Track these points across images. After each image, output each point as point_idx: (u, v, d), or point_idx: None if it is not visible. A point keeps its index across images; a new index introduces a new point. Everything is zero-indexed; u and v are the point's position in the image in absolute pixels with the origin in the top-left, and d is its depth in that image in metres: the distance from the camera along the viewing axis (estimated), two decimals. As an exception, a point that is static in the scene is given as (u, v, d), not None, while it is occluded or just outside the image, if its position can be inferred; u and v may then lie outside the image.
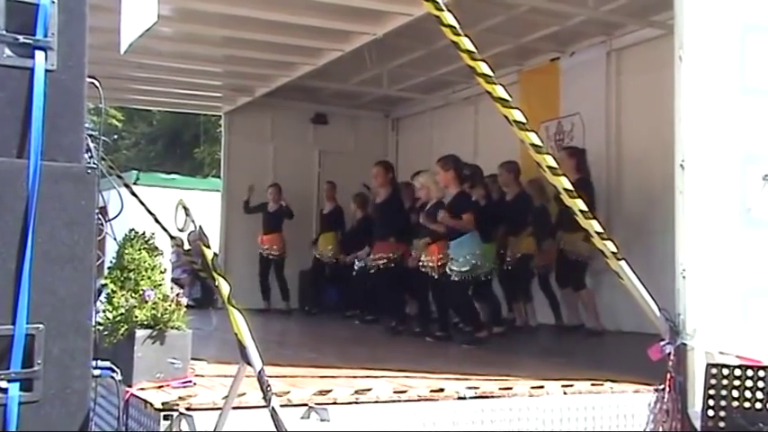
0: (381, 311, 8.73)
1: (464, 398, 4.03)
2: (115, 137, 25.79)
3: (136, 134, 28.91)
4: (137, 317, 4.06)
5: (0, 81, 2.71)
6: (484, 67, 4.15)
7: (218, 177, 13.31)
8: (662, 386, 4.39)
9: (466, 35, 4.16)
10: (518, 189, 8.25)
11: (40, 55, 2.74)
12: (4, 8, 2.70)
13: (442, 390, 4.06)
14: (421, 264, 7.35)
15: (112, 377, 3.17)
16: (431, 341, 7.17)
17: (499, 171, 8.36)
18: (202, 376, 4.28)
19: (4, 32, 2.71)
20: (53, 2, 2.76)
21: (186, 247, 10.25)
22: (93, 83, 2.92)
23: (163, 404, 3.52)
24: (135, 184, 13.45)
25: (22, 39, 2.72)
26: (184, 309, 4.24)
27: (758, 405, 4.03)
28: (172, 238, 10.25)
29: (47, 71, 2.75)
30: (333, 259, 10.38)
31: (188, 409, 3.49)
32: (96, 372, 3.00)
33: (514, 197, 8.24)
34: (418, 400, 3.96)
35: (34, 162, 2.69)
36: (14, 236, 2.67)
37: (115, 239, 3.97)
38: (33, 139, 2.70)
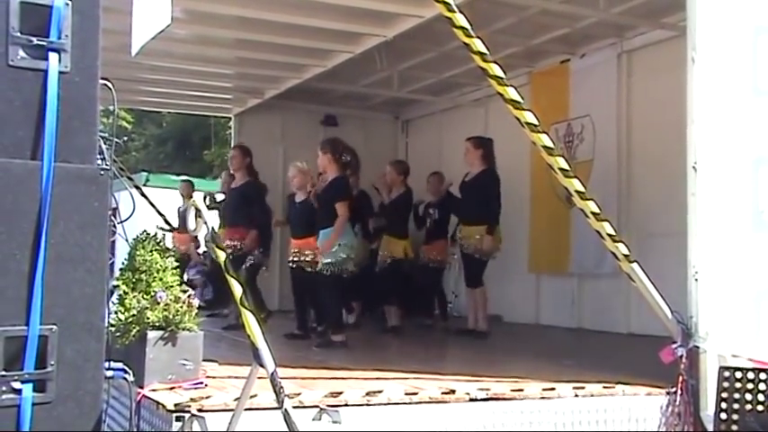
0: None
1: (475, 399, 4.02)
2: (125, 138, 25.89)
3: (145, 136, 29.04)
4: (148, 318, 4.07)
5: (14, 83, 2.72)
6: (496, 69, 4.15)
7: (229, 179, 13.32)
8: (674, 389, 4.37)
9: (477, 37, 4.16)
10: (403, 188, 8.12)
11: (53, 57, 2.75)
12: (19, 10, 2.71)
13: (453, 391, 4.06)
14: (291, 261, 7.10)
15: (125, 378, 3.17)
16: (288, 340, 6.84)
17: (388, 170, 8.19)
18: (214, 377, 4.29)
19: (19, 34, 2.72)
20: (67, 4, 2.76)
21: (202, 248, 10.26)
22: (105, 84, 2.93)
23: (175, 405, 3.53)
24: (145, 185, 13.50)
25: (35, 41, 2.73)
26: (196, 310, 4.25)
27: (771, 408, 4.01)
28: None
29: (60, 73, 2.76)
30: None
31: (200, 410, 3.49)
32: (109, 373, 3.01)
33: (398, 196, 8.11)
34: (429, 402, 3.96)
35: (48, 164, 2.70)
36: (28, 237, 2.69)
37: (127, 241, 3.99)
38: (47, 141, 2.71)
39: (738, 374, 4.12)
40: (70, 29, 2.78)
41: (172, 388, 3.94)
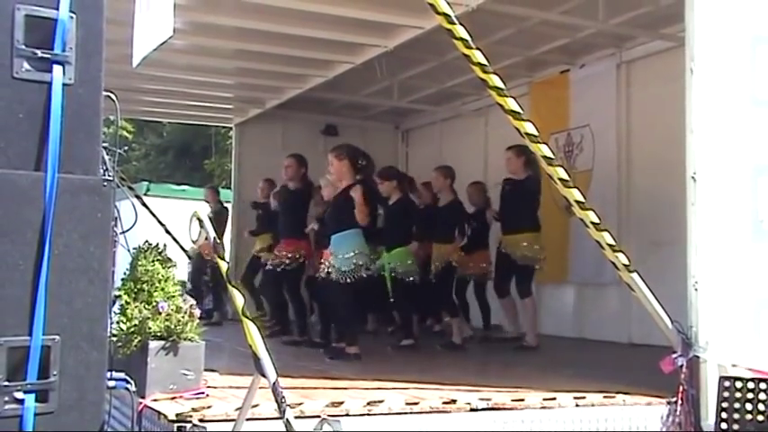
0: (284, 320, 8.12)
1: (476, 409, 4.03)
2: (126, 148, 25.91)
3: (146, 145, 29.07)
4: (150, 328, 4.08)
5: (18, 95, 2.75)
6: (496, 80, 4.17)
7: (229, 189, 13.34)
8: (674, 399, 4.38)
9: (477, 48, 4.18)
10: (452, 196, 8.02)
11: (57, 69, 2.77)
12: (24, 23, 2.74)
13: (454, 401, 4.06)
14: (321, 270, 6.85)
15: (127, 388, 3.18)
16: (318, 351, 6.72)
17: (434, 175, 8.13)
18: (215, 387, 4.30)
19: (23, 47, 2.74)
20: (71, 17, 2.79)
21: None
22: (109, 96, 2.95)
23: (176, 415, 3.53)
24: (145, 195, 13.54)
25: (40, 53, 2.76)
26: (197, 320, 4.26)
27: (771, 418, 4.02)
28: (183, 249, 10.29)
29: (64, 85, 2.78)
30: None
31: (201, 420, 3.50)
32: (111, 383, 3.02)
33: (447, 204, 8.00)
34: (430, 412, 3.96)
35: (51, 175, 2.72)
36: (31, 247, 2.70)
37: (129, 251, 4.01)
38: (51, 152, 2.73)
39: (739, 384, 4.13)
40: (74, 41, 2.81)
41: (173, 398, 3.95)
